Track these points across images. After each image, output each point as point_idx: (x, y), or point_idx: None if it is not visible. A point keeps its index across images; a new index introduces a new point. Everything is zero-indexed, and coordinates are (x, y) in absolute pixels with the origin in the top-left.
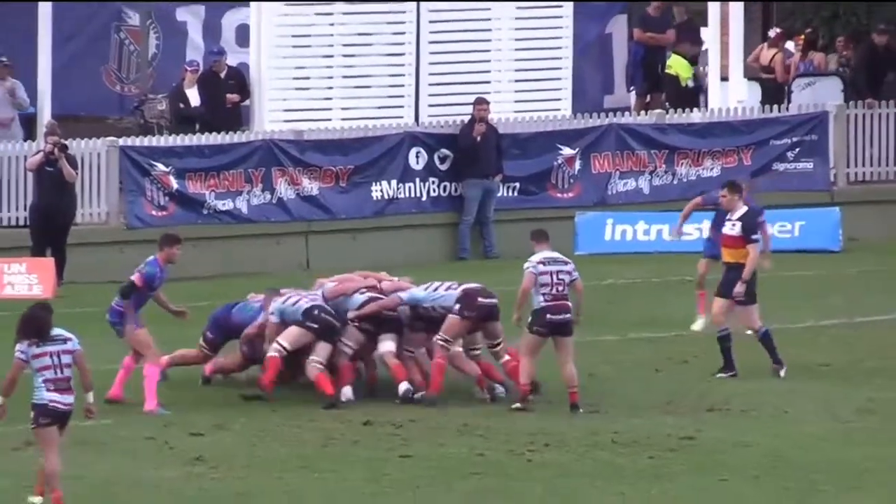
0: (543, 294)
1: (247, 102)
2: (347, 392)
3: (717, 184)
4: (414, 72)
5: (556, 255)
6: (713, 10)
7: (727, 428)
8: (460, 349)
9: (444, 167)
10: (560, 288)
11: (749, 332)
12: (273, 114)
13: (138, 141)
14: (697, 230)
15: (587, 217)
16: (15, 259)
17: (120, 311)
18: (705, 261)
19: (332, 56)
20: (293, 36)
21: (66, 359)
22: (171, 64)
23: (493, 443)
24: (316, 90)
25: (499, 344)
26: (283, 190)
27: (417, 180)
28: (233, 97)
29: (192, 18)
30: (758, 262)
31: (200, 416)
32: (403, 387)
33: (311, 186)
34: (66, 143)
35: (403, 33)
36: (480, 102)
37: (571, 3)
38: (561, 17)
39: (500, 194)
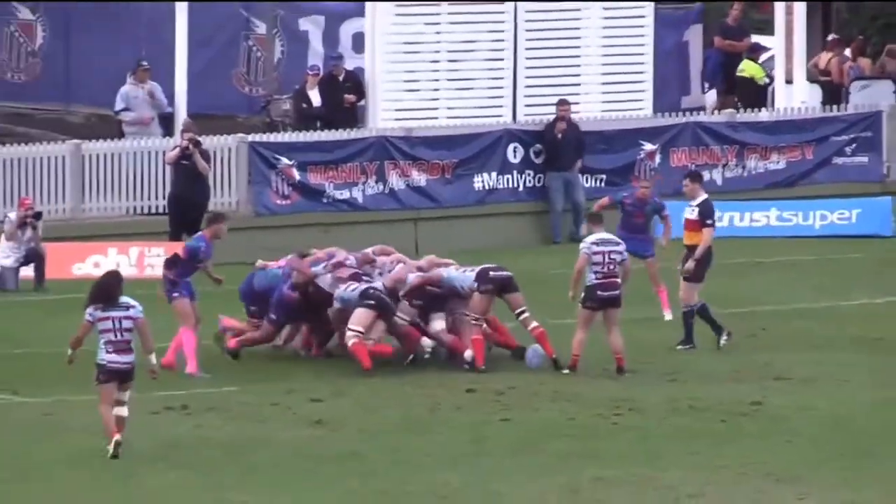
0: (595, 272)
1: (362, 103)
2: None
3: (784, 175)
4: (512, 74)
5: (609, 236)
6: (779, 19)
7: (791, 395)
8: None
9: (538, 161)
10: (611, 266)
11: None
12: (386, 113)
13: (265, 137)
14: (766, 217)
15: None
16: (155, 243)
17: (172, 280)
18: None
19: (438, 61)
20: (404, 43)
21: (126, 324)
22: (295, 68)
23: (583, 408)
24: (424, 91)
25: (523, 313)
26: (395, 181)
27: (515, 172)
28: (350, 98)
29: (313, 27)
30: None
31: (321, 383)
32: (469, 354)
33: (419, 178)
34: (200, 139)
35: (502, 40)
36: (562, 103)
37: (652, 5)
38: (643, 25)
39: (588, 185)
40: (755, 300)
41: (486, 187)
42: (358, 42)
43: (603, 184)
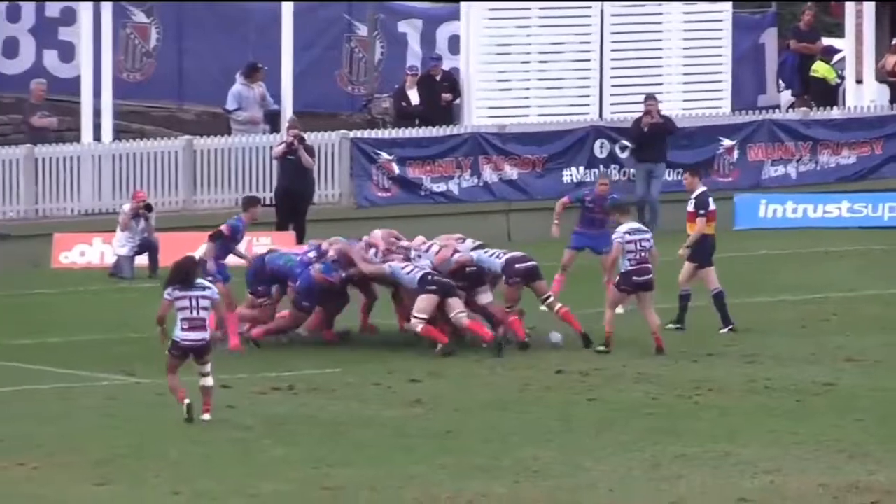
0: (630, 259)
1: (458, 101)
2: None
3: (854, 170)
4: (598, 74)
5: (638, 225)
6: (849, 22)
7: (863, 376)
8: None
9: (623, 155)
10: (643, 254)
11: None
12: (480, 110)
13: (366, 133)
14: (838, 209)
15: (744, 198)
16: (262, 233)
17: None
18: (571, 252)
19: (529, 61)
20: (496, 45)
21: (203, 303)
22: (394, 68)
23: (665, 388)
24: (516, 90)
25: (548, 298)
26: (488, 175)
27: (601, 167)
28: (446, 96)
29: (411, 30)
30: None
31: (418, 364)
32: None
33: (511, 172)
34: (304, 135)
35: (589, 41)
36: (648, 99)
37: (730, 8)
38: (721, 28)
39: (670, 178)
40: (828, 287)
41: (574, 180)
42: (454, 44)
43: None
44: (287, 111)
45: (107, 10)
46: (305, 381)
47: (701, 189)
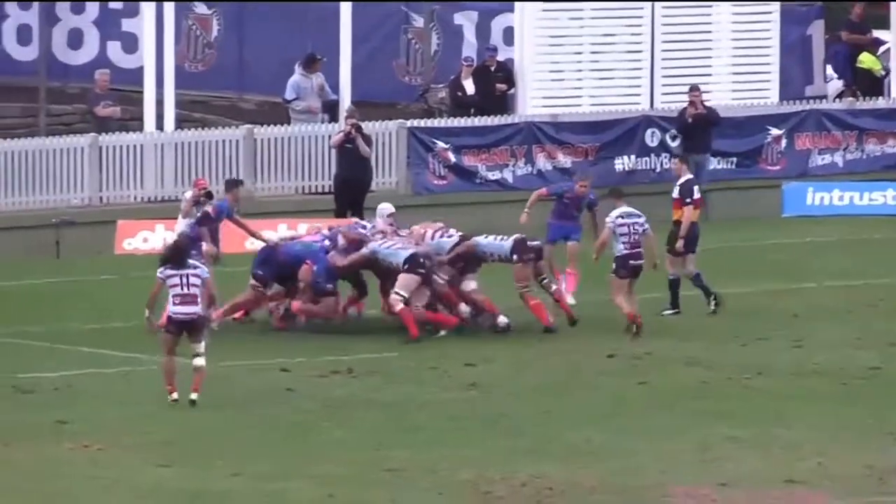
0: (623, 243)
1: (512, 91)
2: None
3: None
4: (649, 65)
5: (631, 210)
6: (894, 16)
7: None
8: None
9: (674, 144)
10: (636, 237)
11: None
12: (534, 100)
13: (423, 122)
14: (883, 196)
15: (792, 186)
16: (322, 220)
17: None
18: (548, 246)
19: (581, 53)
20: (550, 36)
21: (193, 280)
22: (450, 59)
23: (715, 372)
24: (568, 81)
25: (545, 278)
26: (542, 163)
27: (652, 155)
28: (501, 87)
29: (467, 22)
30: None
31: (473, 349)
32: (503, 320)
33: (564, 160)
34: (361, 124)
35: (640, 34)
36: (693, 89)
37: (779, 5)
38: (770, 21)
39: (720, 167)
40: (874, 273)
41: (626, 169)
42: (508, 35)
43: (734, 165)
44: (345, 101)
45: (169, 2)
46: (364, 364)
47: (687, 176)
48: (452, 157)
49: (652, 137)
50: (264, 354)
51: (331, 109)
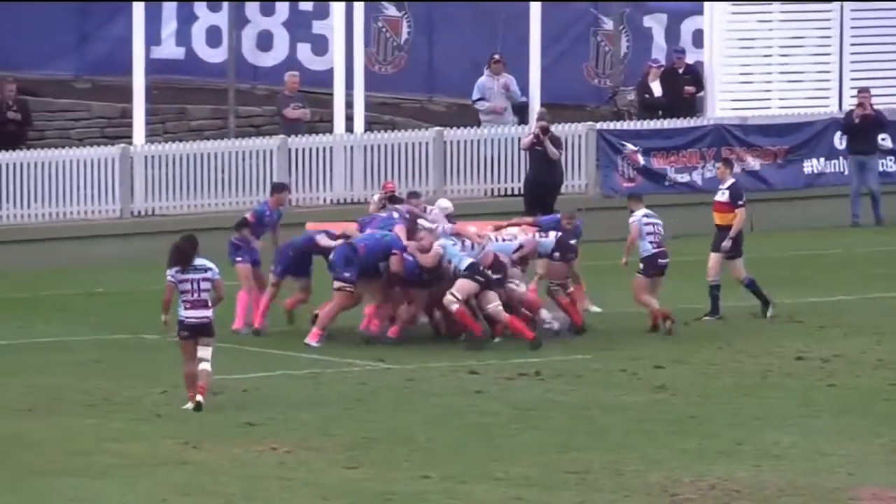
0: (651, 242)
1: (700, 94)
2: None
3: None
4: (838, 68)
5: (652, 212)
6: None
7: None
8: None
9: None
10: (660, 237)
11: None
12: (722, 103)
13: (611, 125)
14: None
15: None
16: (511, 222)
17: (235, 244)
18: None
19: (770, 55)
20: (739, 38)
21: (204, 284)
22: (638, 62)
23: None
24: (757, 83)
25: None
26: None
27: (840, 158)
28: (689, 89)
29: (656, 25)
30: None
31: (663, 351)
32: (546, 314)
33: (753, 163)
34: (549, 126)
35: (829, 36)
36: (861, 91)
37: None
38: None
39: (893, 169)
40: None
41: (815, 171)
42: (697, 38)
43: None
44: (534, 103)
45: (359, 2)
46: (552, 367)
47: (731, 180)
48: (642, 160)
49: (840, 140)
50: (455, 357)
51: (520, 111)
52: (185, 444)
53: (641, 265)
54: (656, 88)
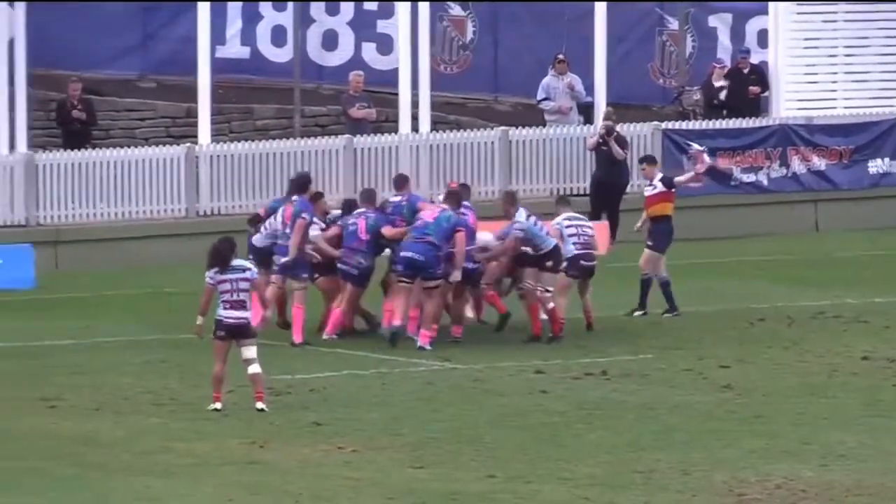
0: (575, 244)
1: (765, 94)
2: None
3: None
4: None
5: (577, 215)
6: None
7: None
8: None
9: None
10: (586, 238)
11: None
12: (787, 103)
13: (677, 125)
14: None
15: None
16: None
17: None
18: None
19: (835, 55)
20: (804, 38)
21: (243, 285)
22: (703, 61)
23: None
24: (822, 83)
25: (548, 291)
26: (796, 166)
27: None
28: (754, 89)
29: (721, 25)
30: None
31: (728, 351)
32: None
33: (819, 163)
34: (615, 127)
35: (894, 36)
36: None
37: None
38: None
39: None
40: None
41: (881, 171)
42: (762, 38)
43: None
44: (600, 103)
45: (424, 4)
46: (618, 366)
47: (660, 175)
48: (708, 159)
49: None
50: (521, 356)
51: (585, 111)
52: (252, 443)
53: (564, 264)
54: (721, 89)
